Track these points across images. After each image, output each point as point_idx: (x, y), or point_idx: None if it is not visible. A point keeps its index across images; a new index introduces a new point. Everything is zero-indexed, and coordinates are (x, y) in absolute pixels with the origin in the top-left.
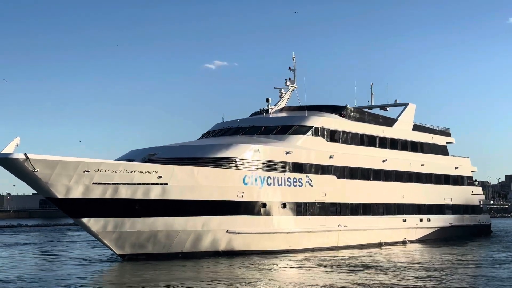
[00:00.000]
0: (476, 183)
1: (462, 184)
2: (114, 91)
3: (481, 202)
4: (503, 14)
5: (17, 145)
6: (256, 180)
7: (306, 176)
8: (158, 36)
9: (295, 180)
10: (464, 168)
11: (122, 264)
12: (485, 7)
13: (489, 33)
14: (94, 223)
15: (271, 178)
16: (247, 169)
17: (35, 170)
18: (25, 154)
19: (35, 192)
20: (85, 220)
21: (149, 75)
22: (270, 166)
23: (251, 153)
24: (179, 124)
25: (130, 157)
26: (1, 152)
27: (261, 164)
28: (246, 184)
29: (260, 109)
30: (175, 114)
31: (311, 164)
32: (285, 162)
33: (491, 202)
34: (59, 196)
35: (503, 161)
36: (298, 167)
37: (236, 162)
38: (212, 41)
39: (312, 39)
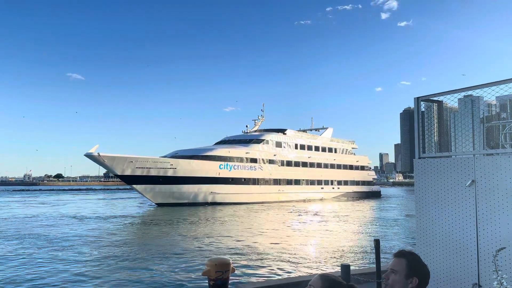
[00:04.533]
0: (372, 168)
1: (362, 169)
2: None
3: (374, 179)
4: None
5: (97, 148)
6: (226, 166)
7: (258, 164)
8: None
9: (252, 167)
10: (363, 161)
11: (156, 208)
12: None
13: None
14: (139, 187)
15: (236, 165)
16: (222, 161)
17: (104, 161)
18: (98, 153)
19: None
20: (134, 185)
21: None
22: (236, 159)
23: (223, 153)
24: (208, 135)
25: (167, 155)
26: (88, 152)
27: (230, 158)
28: (221, 168)
29: (243, 131)
30: (208, 134)
31: (261, 158)
32: (246, 158)
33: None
34: (118, 173)
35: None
36: (253, 160)
37: (215, 157)
38: (226, 99)
39: (275, 95)
